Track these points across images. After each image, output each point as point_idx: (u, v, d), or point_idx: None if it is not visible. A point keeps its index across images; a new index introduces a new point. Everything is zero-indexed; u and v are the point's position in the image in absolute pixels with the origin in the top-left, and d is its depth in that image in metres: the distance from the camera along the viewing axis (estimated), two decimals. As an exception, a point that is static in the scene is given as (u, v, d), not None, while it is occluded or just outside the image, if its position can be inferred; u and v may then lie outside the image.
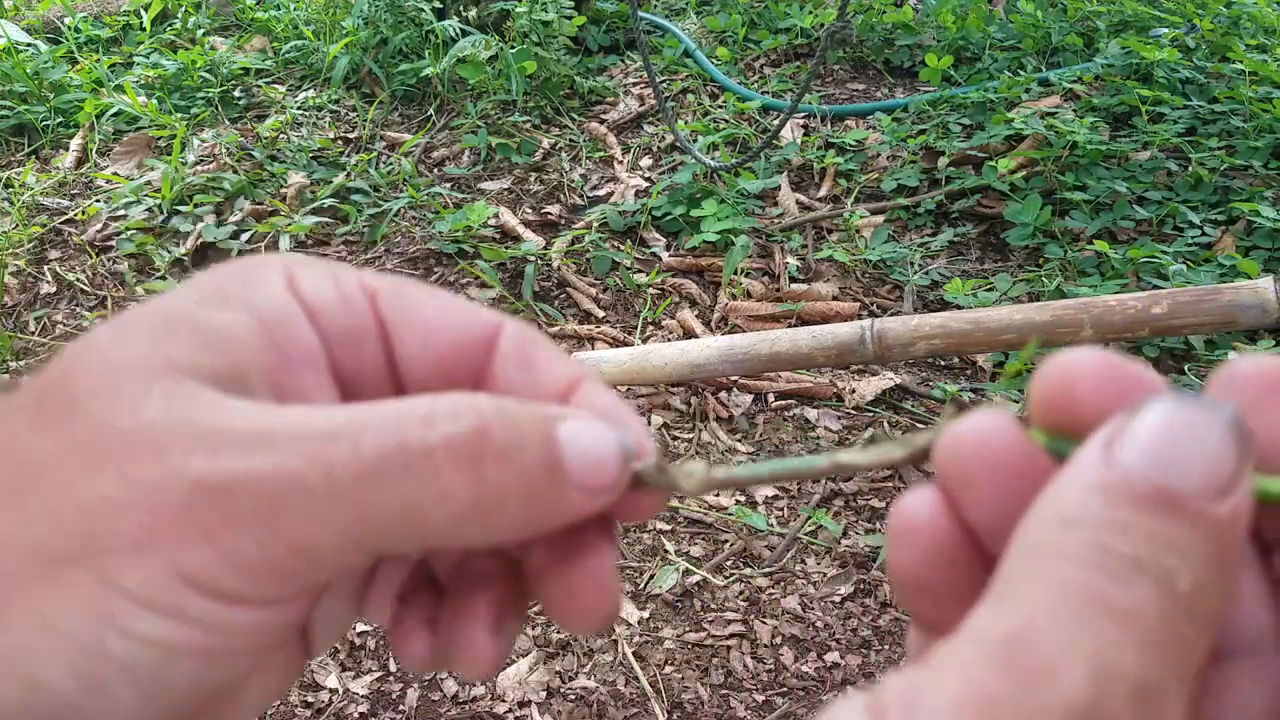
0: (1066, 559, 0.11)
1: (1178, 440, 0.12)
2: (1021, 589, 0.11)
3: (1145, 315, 0.89)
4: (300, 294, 0.16)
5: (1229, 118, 1.33)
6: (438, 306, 0.17)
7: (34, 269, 1.26)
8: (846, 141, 1.41)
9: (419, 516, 0.14)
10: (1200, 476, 0.12)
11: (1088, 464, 0.12)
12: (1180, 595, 0.11)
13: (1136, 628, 0.11)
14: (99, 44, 1.74)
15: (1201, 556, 0.11)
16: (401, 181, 1.37)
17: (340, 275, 0.17)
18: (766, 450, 1.01)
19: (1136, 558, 0.11)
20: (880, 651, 0.81)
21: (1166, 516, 0.12)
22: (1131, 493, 0.12)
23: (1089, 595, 0.11)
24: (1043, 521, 0.12)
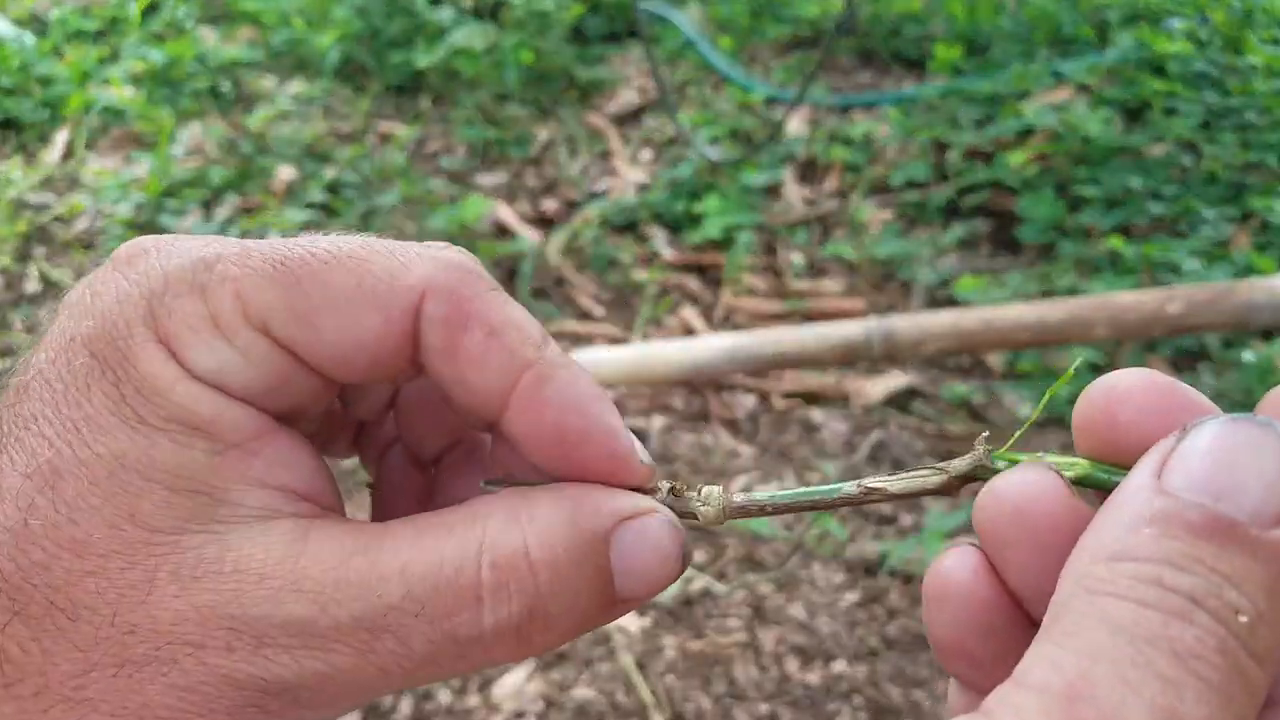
0: (1122, 596, 0.11)
1: (1231, 464, 0.11)
2: (1077, 631, 0.11)
3: (1160, 314, 0.87)
4: (197, 374, 0.14)
5: (1243, 112, 1.31)
6: (341, 301, 0.14)
7: (19, 266, 1.23)
8: (853, 134, 1.39)
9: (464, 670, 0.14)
10: (1257, 502, 0.11)
11: (1137, 491, 0.12)
12: (1241, 631, 0.11)
13: (1198, 669, 0.11)
14: (86, 36, 1.71)
15: (1261, 588, 0.11)
16: (395, 175, 1.34)
17: (222, 316, 0.14)
18: (770, 452, 0.98)
19: (1194, 593, 0.11)
20: (888, 661, 0.79)
21: (1223, 546, 0.11)
22: (1186, 522, 0.11)
23: (1149, 635, 0.11)
24: (1094, 555, 0.12)
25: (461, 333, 0.14)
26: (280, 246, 0.14)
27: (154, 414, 0.13)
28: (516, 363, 0.14)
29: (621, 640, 0.79)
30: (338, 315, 0.14)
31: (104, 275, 0.14)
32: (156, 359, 0.13)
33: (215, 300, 0.14)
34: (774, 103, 1.47)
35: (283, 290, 0.14)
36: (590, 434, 0.14)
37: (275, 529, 0.14)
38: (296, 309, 0.14)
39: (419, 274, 0.14)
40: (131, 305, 0.14)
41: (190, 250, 0.14)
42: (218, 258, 0.14)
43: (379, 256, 0.14)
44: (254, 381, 0.14)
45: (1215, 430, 0.12)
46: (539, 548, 0.14)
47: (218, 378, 0.14)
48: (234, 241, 0.14)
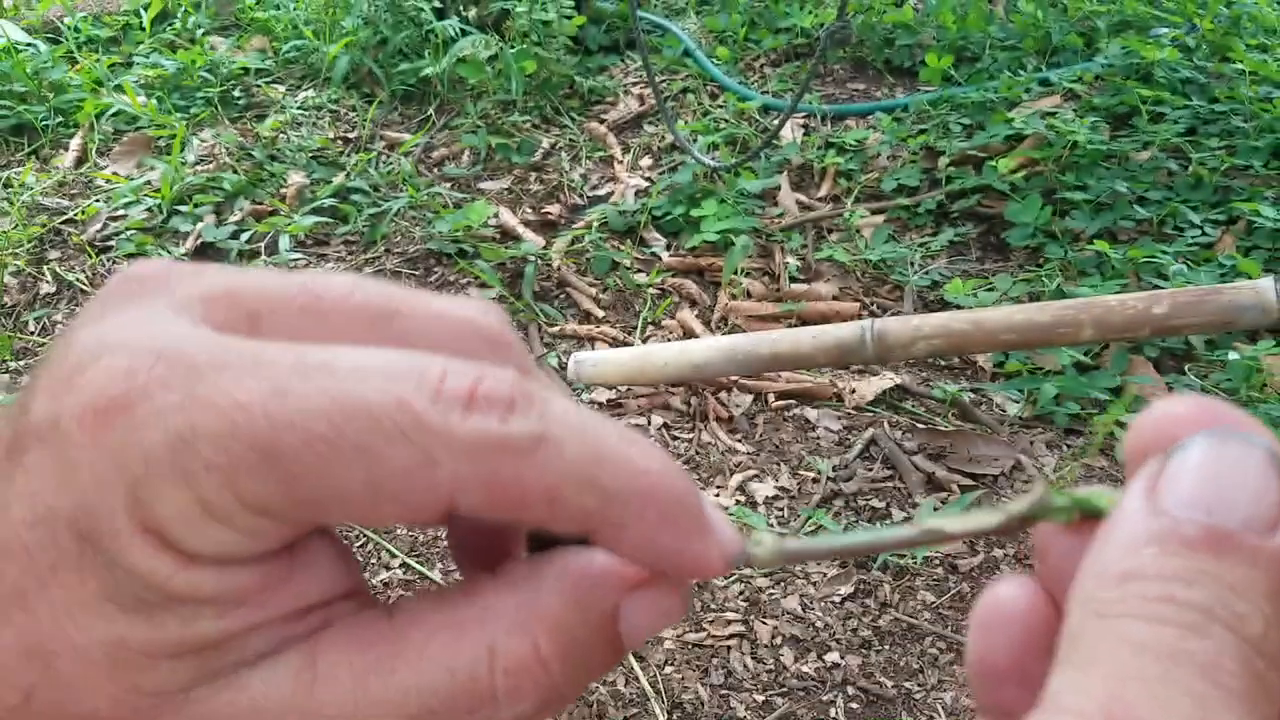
0: (1137, 615, 0.11)
1: (1218, 479, 0.12)
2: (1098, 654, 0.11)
3: (1146, 315, 0.89)
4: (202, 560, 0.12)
5: (1229, 117, 1.33)
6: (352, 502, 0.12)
7: (34, 269, 1.26)
8: (847, 141, 1.41)
9: None
10: (1247, 512, 0.12)
11: (1132, 514, 0.12)
12: (1254, 638, 0.11)
13: (1222, 679, 0.11)
14: (98, 44, 1.74)
15: (1265, 594, 0.11)
16: (401, 181, 1.37)
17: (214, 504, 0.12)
18: (766, 450, 1.01)
19: (1206, 605, 0.11)
20: (880, 652, 0.81)
21: (1223, 558, 0.11)
22: (1184, 538, 0.11)
23: (1170, 652, 0.11)
24: (1100, 578, 0.12)
25: (516, 512, 0.13)
26: (271, 420, 0.12)
27: (153, 597, 0.12)
28: (583, 521, 0.13)
29: (622, 631, 0.81)
30: (350, 511, 0.12)
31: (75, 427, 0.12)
32: (147, 552, 0.12)
33: (203, 489, 0.12)
34: (770, 111, 1.50)
35: (280, 487, 0.12)
36: (672, 564, 0.14)
37: (283, 662, 0.13)
38: (298, 501, 0.12)
39: (447, 472, 0.12)
40: (112, 493, 0.12)
41: (167, 419, 0.12)
42: (195, 434, 0.12)
43: (393, 449, 0.12)
44: (262, 547, 0.13)
45: (1200, 448, 0.12)
46: (549, 644, 0.13)
47: (219, 556, 0.12)
48: (214, 400, 0.12)
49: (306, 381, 0.12)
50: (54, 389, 0.13)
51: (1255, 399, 0.97)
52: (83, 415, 0.12)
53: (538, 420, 0.13)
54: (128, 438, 0.12)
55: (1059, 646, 0.12)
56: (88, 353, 0.13)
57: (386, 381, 0.12)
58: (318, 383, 0.12)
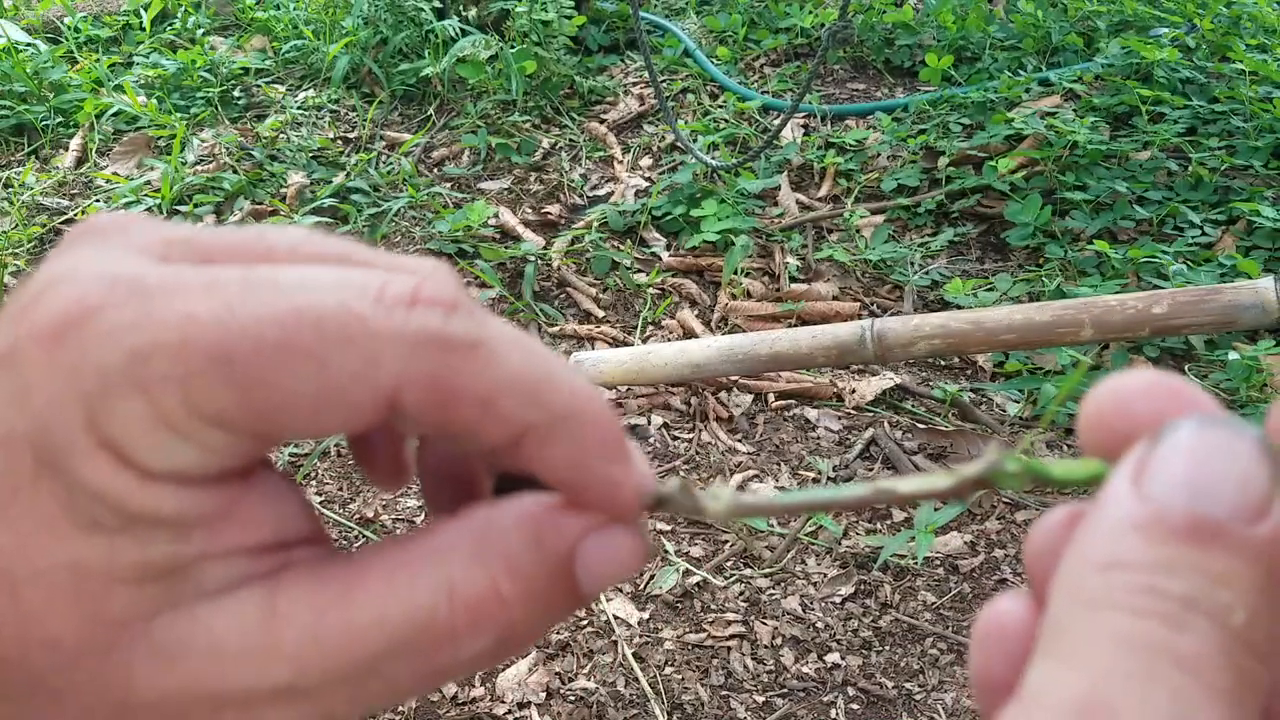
0: (1119, 607, 0.11)
1: (1206, 465, 0.12)
2: (1079, 645, 0.11)
3: (1145, 315, 0.89)
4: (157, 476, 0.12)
5: (1229, 117, 1.33)
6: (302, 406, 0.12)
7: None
8: (847, 141, 1.41)
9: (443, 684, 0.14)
10: (1235, 500, 0.11)
11: (1118, 499, 0.12)
12: (1238, 630, 0.11)
13: (1204, 673, 0.11)
14: (98, 44, 1.74)
15: (1250, 585, 0.11)
16: (401, 181, 1.37)
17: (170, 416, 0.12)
18: (766, 450, 1.01)
19: (1189, 596, 0.11)
20: (881, 653, 0.81)
21: (1208, 547, 0.11)
22: (1169, 526, 0.11)
23: (1152, 645, 0.11)
24: (1084, 566, 0.12)
25: (451, 412, 0.13)
26: (223, 329, 0.12)
27: (111, 518, 0.12)
28: (514, 428, 0.13)
29: (622, 632, 0.82)
30: (300, 415, 0.12)
31: (30, 350, 0.12)
32: (104, 469, 0.12)
33: (159, 401, 0.12)
34: (770, 111, 1.50)
35: (234, 394, 0.12)
36: (590, 492, 0.14)
37: (244, 598, 0.13)
38: (252, 412, 0.12)
39: (389, 368, 0.12)
40: (68, 410, 0.12)
41: (121, 336, 0.12)
42: (153, 348, 0.12)
43: (342, 352, 0.12)
44: (217, 464, 0.13)
45: (1188, 434, 0.12)
46: (508, 581, 0.14)
47: (176, 472, 0.12)
48: (168, 316, 0.12)
49: (256, 294, 0.12)
50: (12, 319, 0.13)
51: (1255, 399, 0.97)
52: (38, 337, 0.12)
53: (478, 326, 0.13)
54: (83, 355, 0.12)
55: (1039, 635, 0.12)
56: (44, 284, 0.13)
57: (332, 290, 0.13)
58: (267, 295, 0.12)
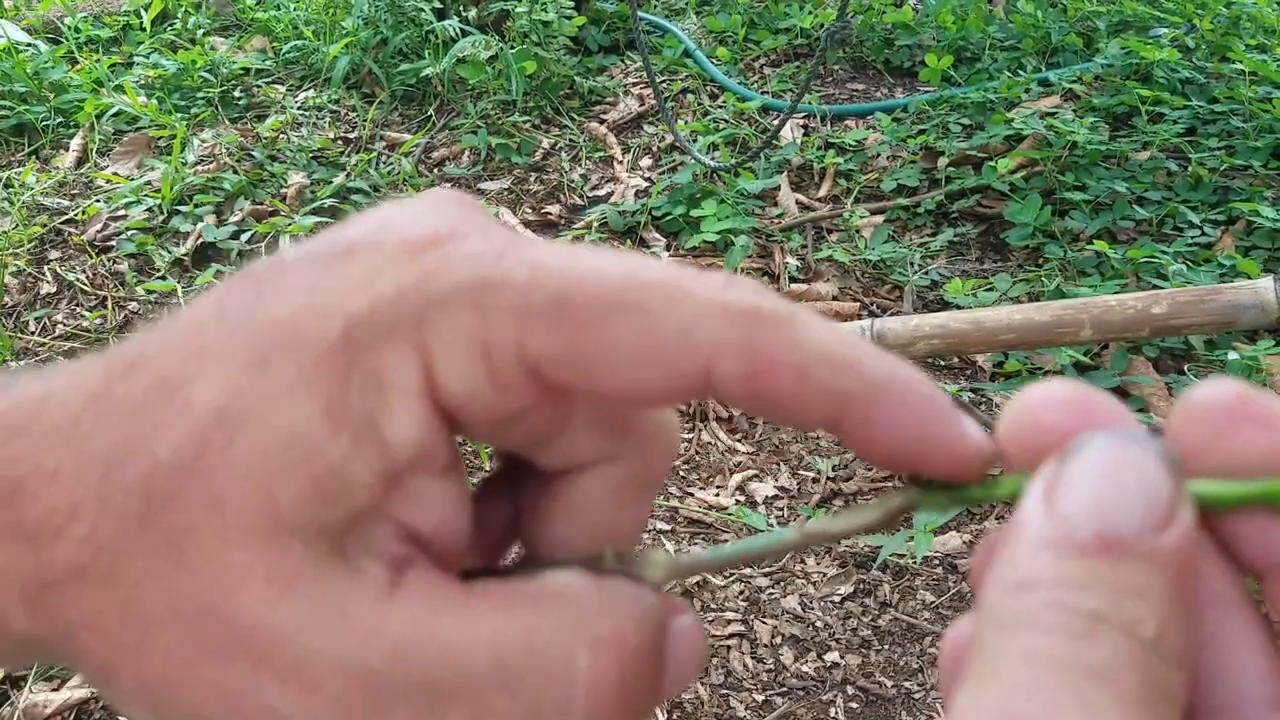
0: (1032, 626, 0.11)
1: (1112, 480, 0.12)
2: (994, 667, 0.11)
3: (1145, 315, 0.89)
4: (442, 398, 0.13)
5: (1229, 118, 1.33)
6: (623, 359, 0.13)
7: (34, 269, 1.26)
8: (846, 141, 1.41)
9: None
10: (1140, 513, 0.12)
11: (1030, 518, 0.12)
12: (1149, 640, 0.11)
13: (1114, 684, 0.11)
14: (99, 44, 1.75)
15: (1160, 594, 0.11)
16: (402, 181, 1.37)
17: (496, 348, 0.13)
18: (766, 450, 1.01)
19: (1097, 611, 0.11)
20: (880, 651, 0.81)
21: (1116, 561, 0.11)
22: (1078, 542, 0.11)
23: (1062, 661, 0.11)
24: (1000, 588, 0.12)
25: (768, 382, 0.13)
26: (566, 277, 0.13)
27: (358, 410, 0.12)
28: (833, 399, 0.13)
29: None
30: (620, 368, 0.13)
31: (394, 250, 0.13)
32: (402, 362, 0.12)
33: (494, 328, 0.12)
34: (769, 111, 1.50)
35: (564, 337, 0.12)
36: (931, 455, 0.13)
37: (376, 568, 0.12)
38: (574, 358, 0.13)
39: (709, 331, 0.13)
40: (407, 303, 0.12)
41: (481, 262, 0.13)
42: (506, 280, 0.13)
43: (667, 309, 0.13)
44: (497, 413, 0.13)
45: (1094, 450, 0.12)
46: (635, 631, 0.13)
47: (460, 403, 0.13)
48: (523, 259, 0.13)
49: (596, 256, 0.13)
50: (375, 223, 0.14)
51: (1254, 399, 0.97)
52: (406, 241, 0.13)
53: (788, 304, 0.13)
54: (442, 266, 0.13)
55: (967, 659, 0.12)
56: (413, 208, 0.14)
57: (661, 266, 0.13)
58: (605, 258, 0.13)
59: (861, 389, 0.13)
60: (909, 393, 0.13)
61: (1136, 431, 0.12)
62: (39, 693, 0.76)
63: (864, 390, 0.13)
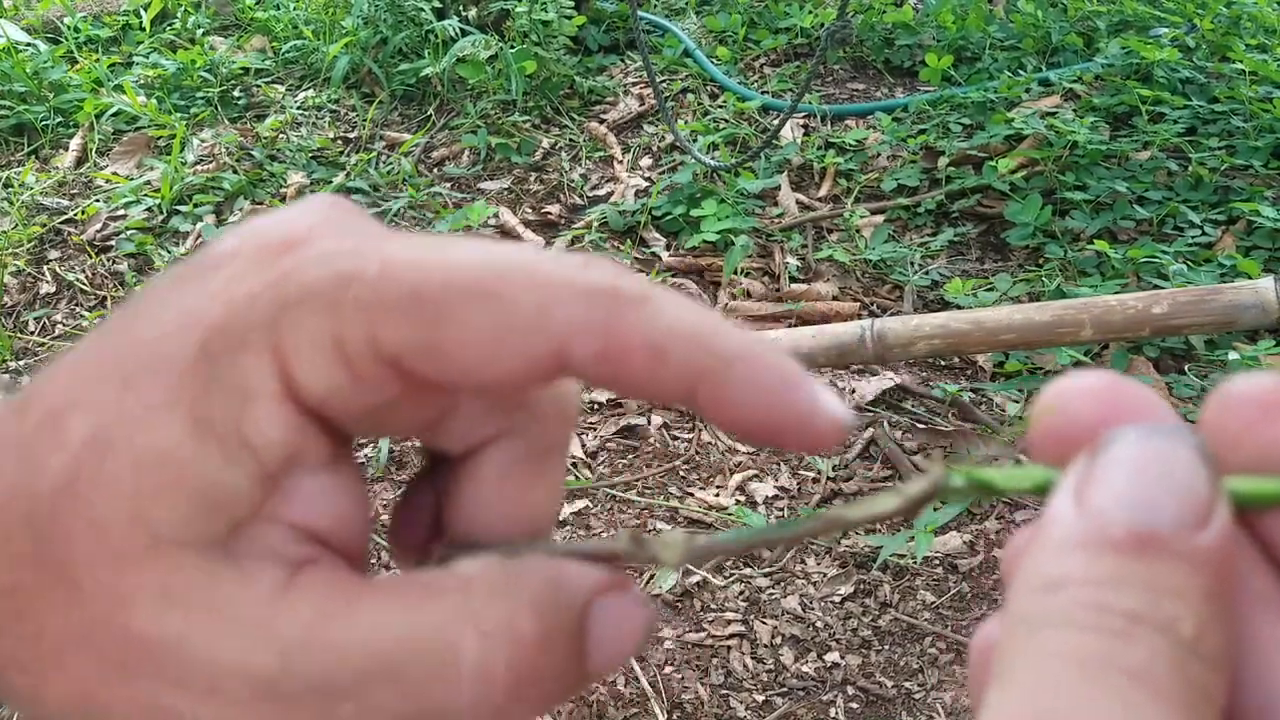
0: (1065, 624, 0.11)
1: (1146, 476, 0.11)
2: (1027, 669, 0.11)
3: (1145, 315, 0.89)
4: (304, 398, 0.13)
5: (1229, 117, 1.33)
6: (479, 345, 0.13)
7: (33, 269, 1.26)
8: (846, 141, 1.41)
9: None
10: (1176, 510, 0.11)
11: (1062, 516, 0.12)
12: (1187, 640, 0.11)
13: (1151, 684, 0.10)
14: (98, 44, 1.75)
15: (1198, 593, 0.11)
16: (401, 181, 1.37)
17: (350, 343, 0.13)
18: (766, 450, 1.01)
19: (1134, 610, 0.11)
20: (880, 652, 0.81)
21: (1152, 559, 0.11)
22: (1112, 540, 0.11)
23: (1099, 661, 0.11)
24: (1030, 587, 0.11)
25: (623, 362, 0.13)
26: (418, 268, 0.13)
27: (222, 421, 0.12)
28: (687, 375, 0.13)
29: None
30: (474, 356, 0.13)
31: (251, 255, 0.13)
32: (259, 367, 0.12)
33: (346, 324, 0.12)
34: (770, 111, 1.50)
35: (417, 328, 0.12)
36: (776, 428, 0.13)
37: (268, 571, 0.13)
38: (429, 349, 0.13)
39: (564, 313, 0.13)
40: (259, 307, 0.13)
41: (334, 260, 0.13)
42: (357, 275, 0.13)
43: (521, 293, 0.13)
44: (360, 407, 0.13)
45: (1128, 445, 0.12)
46: (530, 618, 0.13)
47: (320, 400, 0.13)
48: (376, 254, 0.13)
49: (451, 247, 0.13)
50: (239, 233, 0.14)
51: (1255, 399, 0.97)
52: (261, 246, 0.13)
53: (646, 284, 0.13)
54: (293, 267, 0.13)
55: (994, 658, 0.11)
56: (278, 215, 0.14)
57: (518, 250, 0.13)
58: (460, 248, 0.13)
59: (714, 365, 0.13)
60: (761, 367, 0.13)
61: (1170, 426, 0.12)
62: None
63: (717, 366, 0.13)
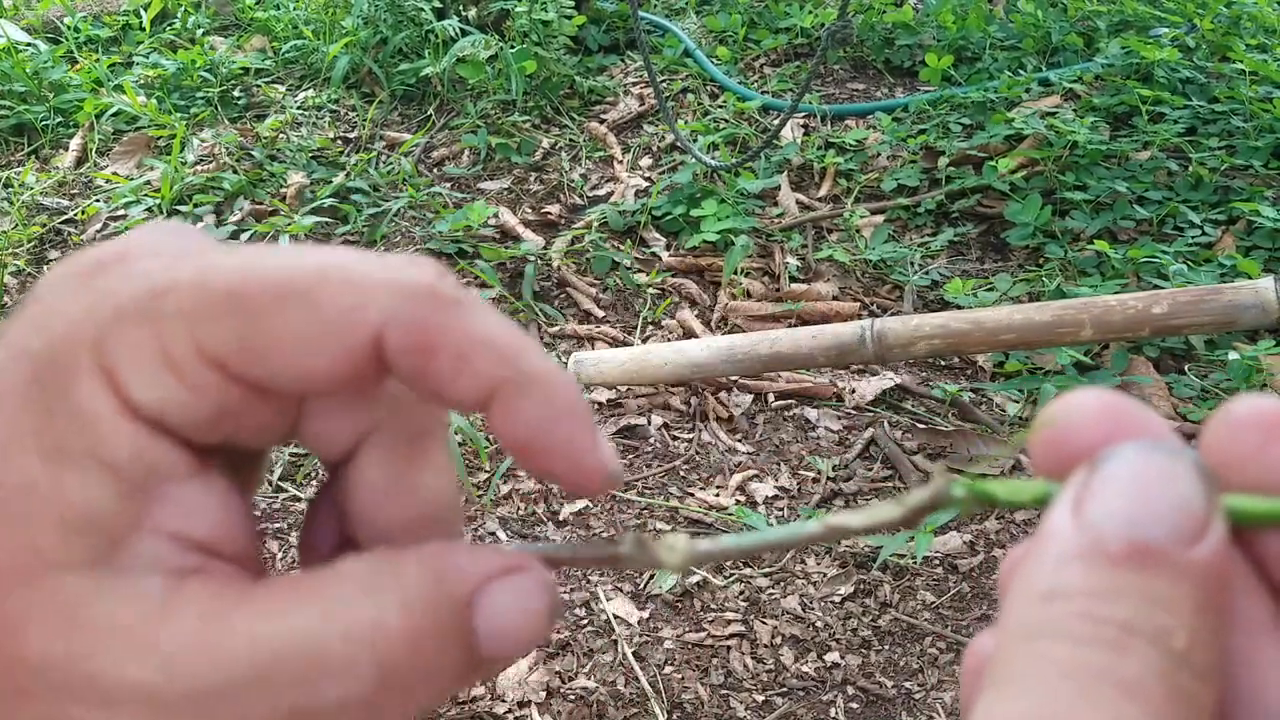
0: (1060, 636, 0.11)
1: (1144, 491, 0.12)
2: (1020, 678, 0.11)
3: (1145, 315, 0.89)
4: (140, 410, 0.13)
5: (1229, 117, 1.33)
6: (296, 339, 0.13)
7: (34, 269, 1.26)
8: (846, 141, 1.41)
9: None
10: (1172, 524, 0.12)
11: (1059, 529, 0.12)
12: (1179, 652, 0.11)
13: (1142, 696, 0.11)
14: (98, 44, 1.75)
15: (1190, 606, 0.11)
16: (401, 181, 1.37)
17: (174, 350, 0.13)
18: (766, 450, 1.01)
19: (1128, 622, 0.11)
20: (880, 652, 0.81)
21: (1147, 572, 0.11)
22: (1108, 553, 0.11)
23: (1092, 671, 0.11)
24: (1027, 598, 0.12)
25: (429, 360, 0.13)
26: (235, 273, 0.13)
27: (73, 446, 0.13)
28: (487, 383, 0.13)
29: (622, 631, 0.82)
30: (293, 353, 0.13)
31: (65, 283, 0.13)
32: (93, 390, 0.13)
33: (167, 334, 0.13)
34: (770, 111, 1.50)
35: (237, 326, 0.13)
36: (557, 455, 0.14)
37: (150, 583, 0.13)
38: (249, 351, 0.13)
39: (377, 307, 0.13)
40: (81, 330, 0.13)
41: (148, 275, 0.13)
42: (172, 286, 0.13)
43: (335, 290, 0.13)
44: (199, 415, 0.13)
45: (1125, 460, 0.12)
46: (398, 615, 0.13)
47: (158, 412, 0.13)
48: (192, 264, 0.13)
49: (272, 254, 0.14)
50: (56, 268, 0.14)
51: (1255, 399, 0.97)
52: (76, 273, 0.14)
53: (464, 290, 0.14)
54: (108, 287, 0.13)
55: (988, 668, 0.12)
56: (101, 244, 0.15)
57: (340, 252, 0.14)
58: (284, 251, 0.14)
59: (515, 379, 0.13)
60: (556, 395, 0.14)
61: (1169, 443, 0.12)
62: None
63: (515, 381, 0.14)
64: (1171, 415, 0.99)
